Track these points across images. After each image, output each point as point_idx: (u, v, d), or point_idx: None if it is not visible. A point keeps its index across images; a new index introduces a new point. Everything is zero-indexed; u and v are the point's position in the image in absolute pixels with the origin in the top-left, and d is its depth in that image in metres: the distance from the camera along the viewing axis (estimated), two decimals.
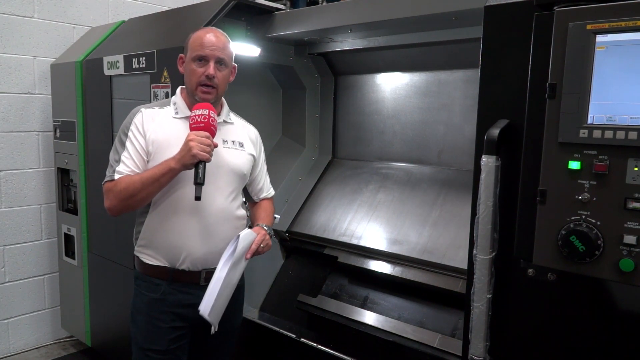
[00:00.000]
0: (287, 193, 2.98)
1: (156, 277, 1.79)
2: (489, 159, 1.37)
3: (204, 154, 1.60)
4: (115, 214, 1.73)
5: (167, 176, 1.64)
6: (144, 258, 1.81)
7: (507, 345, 1.48)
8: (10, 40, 3.17)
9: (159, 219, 1.76)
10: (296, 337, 2.37)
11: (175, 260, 1.77)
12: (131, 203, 1.69)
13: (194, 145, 1.59)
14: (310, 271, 2.80)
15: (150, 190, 1.66)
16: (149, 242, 1.79)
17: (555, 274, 1.34)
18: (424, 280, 2.31)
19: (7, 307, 3.32)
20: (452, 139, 2.59)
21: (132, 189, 1.65)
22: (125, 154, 1.72)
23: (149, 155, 1.73)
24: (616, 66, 1.17)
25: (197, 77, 1.73)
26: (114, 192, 1.68)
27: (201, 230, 1.76)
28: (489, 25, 1.45)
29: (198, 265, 1.79)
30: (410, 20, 2.05)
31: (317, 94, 3.08)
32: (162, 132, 1.75)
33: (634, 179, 1.16)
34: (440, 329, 2.17)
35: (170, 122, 1.78)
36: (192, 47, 1.75)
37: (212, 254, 1.79)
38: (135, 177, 1.67)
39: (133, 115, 1.78)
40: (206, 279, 1.78)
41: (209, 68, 1.72)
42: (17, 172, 3.29)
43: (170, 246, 1.76)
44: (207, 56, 1.73)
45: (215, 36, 1.76)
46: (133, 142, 1.73)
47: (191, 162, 1.61)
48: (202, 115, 1.65)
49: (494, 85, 1.45)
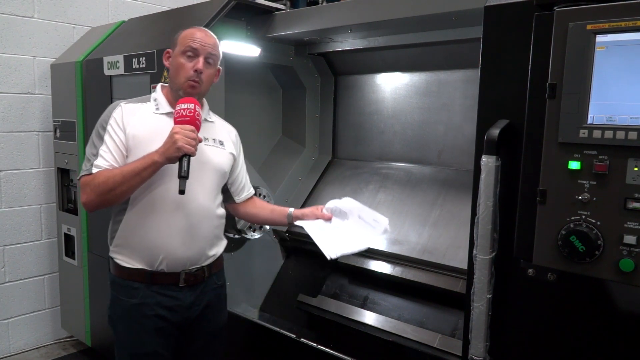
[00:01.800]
0: (287, 193, 2.98)
1: (133, 280, 1.73)
2: (489, 159, 1.37)
3: (189, 147, 1.56)
4: (92, 209, 1.68)
5: (149, 170, 1.59)
6: (120, 260, 1.75)
7: (507, 345, 1.48)
8: (10, 40, 3.17)
9: (137, 217, 1.71)
10: (296, 337, 2.37)
11: (154, 261, 1.71)
12: (110, 197, 1.62)
13: (179, 138, 1.55)
14: (310, 271, 2.80)
15: (131, 184, 1.60)
16: (126, 242, 1.74)
17: (555, 274, 1.34)
18: (424, 280, 2.31)
19: (7, 307, 3.32)
20: (452, 139, 2.59)
21: (111, 183, 1.59)
22: (103, 147, 1.67)
23: (129, 150, 1.68)
24: (616, 66, 1.17)
25: (186, 72, 1.71)
26: (92, 185, 1.62)
27: (183, 228, 1.72)
28: (489, 25, 1.45)
29: (177, 267, 1.74)
30: (410, 20, 2.05)
31: (317, 94, 3.08)
32: (143, 127, 1.71)
33: (634, 179, 1.16)
34: (440, 329, 2.17)
35: (151, 117, 1.75)
36: (183, 41, 1.73)
37: (192, 254, 1.76)
38: (116, 171, 1.62)
39: (112, 109, 1.74)
40: (185, 280, 1.75)
41: (198, 62, 1.71)
42: (17, 172, 3.29)
43: (148, 246, 1.71)
44: (198, 50, 1.71)
45: (206, 34, 1.76)
46: (112, 136, 1.68)
47: (176, 155, 1.57)
48: (188, 109, 1.62)
49: (494, 85, 1.45)
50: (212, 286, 1.87)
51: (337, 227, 1.89)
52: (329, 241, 1.82)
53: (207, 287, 1.84)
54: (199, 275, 1.79)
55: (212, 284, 1.87)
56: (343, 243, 1.83)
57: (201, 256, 1.79)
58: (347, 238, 1.85)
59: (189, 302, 1.78)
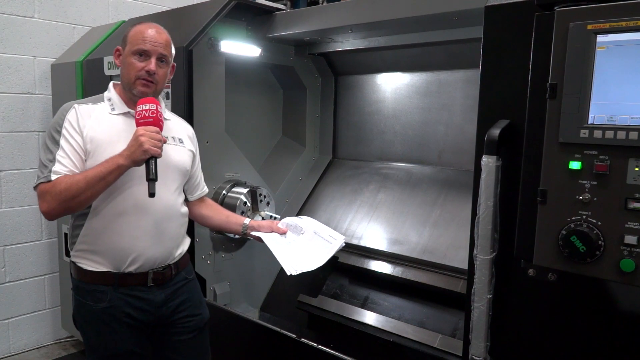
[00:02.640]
0: (288, 193, 2.98)
1: (99, 283, 1.68)
2: (489, 159, 1.37)
3: (156, 149, 1.54)
4: (53, 217, 1.61)
5: (114, 174, 1.54)
6: (84, 264, 1.69)
7: (507, 345, 1.48)
8: (11, 40, 3.17)
9: (102, 221, 1.66)
10: (296, 337, 2.37)
11: (122, 263, 1.67)
12: (72, 205, 1.56)
13: (145, 141, 1.52)
14: (310, 271, 2.80)
15: (96, 189, 1.54)
16: (89, 247, 1.68)
17: (555, 274, 1.34)
18: (425, 280, 2.31)
19: (7, 307, 3.32)
20: (453, 139, 2.59)
21: (74, 189, 1.52)
22: (60, 152, 1.59)
23: (87, 153, 1.62)
24: (617, 66, 1.17)
25: (137, 71, 1.66)
26: (53, 193, 1.54)
27: (150, 229, 1.69)
28: (490, 25, 1.45)
29: (145, 267, 1.71)
30: (411, 20, 2.05)
31: (317, 94, 3.08)
32: (100, 129, 1.65)
33: (634, 179, 1.16)
34: (441, 329, 2.17)
35: (108, 118, 1.69)
36: (133, 40, 1.68)
37: (161, 253, 1.74)
38: (78, 177, 1.55)
39: (65, 111, 1.66)
40: (154, 279, 1.73)
41: (150, 64, 1.66)
42: (18, 172, 3.29)
43: (116, 249, 1.66)
44: (149, 51, 1.67)
45: (157, 32, 1.70)
46: (69, 140, 1.61)
47: (142, 158, 1.53)
48: (150, 110, 1.58)
49: (494, 85, 1.45)
50: (182, 282, 1.84)
51: (293, 241, 1.89)
52: (288, 257, 1.82)
53: (177, 284, 1.82)
54: (167, 274, 1.77)
55: (181, 279, 1.84)
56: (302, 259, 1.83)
57: (169, 255, 1.77)
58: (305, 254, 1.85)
59: (159, 300, 1.75)
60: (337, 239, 1.90)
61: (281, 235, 1.90)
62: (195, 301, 1.89)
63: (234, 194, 2.48)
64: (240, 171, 2.64)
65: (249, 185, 2.55)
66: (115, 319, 1.69)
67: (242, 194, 2.47)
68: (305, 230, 1.94)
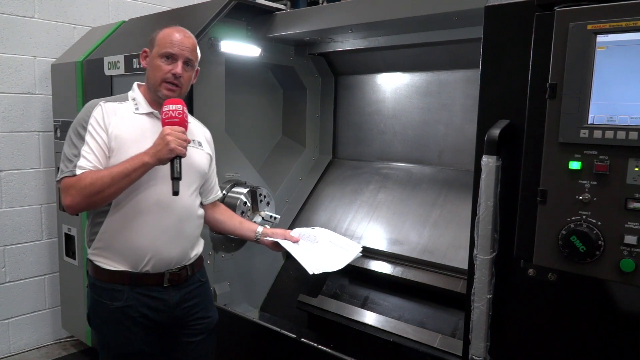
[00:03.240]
0: (288, 193, 2.98)
1: (116, 282, 1.70)
2: (489, 159, 1.37)
3: (181, 149, 1.57)
4: (76, 212, 1.63)
5: (139, 171, 1.57)
6: (101, 263, 1.71)
7: (507, 345, 1.48)
8: (11, 40, 3.17)
9: (121, 219, 1.67)
10: (296, 338, 2.37)
11: (139, 263, 1.69)
12: (96, 200, 1.58)
13: (172, 140, 1.55)
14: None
15: (120, 185, 1.56)
16: (108, 244, 1.70)
17: (555, 274, 1.34)
18: (425, 280, 2.31)
19: (7, 307, 3.32)
20: (453, 139, 2.59)
21: (99, 185, 1.55)
22: (85, 148, 1.62)
23: (111, 151, 1.65)
24: (617, 66, 1.17)
25: (163, 74, 1.70)
26: (77, 187, 1.56)
27: (168, 229, 1.71)
28: (489, 25, 1.45)
29: (162, 267, 1.73)
30: (411, 20, 2.05)
31: (317, 94, 3.08)
32: (125, 127, 1.68)
33: (634, 179, 1.16)
34: (441, 329, 2.17)
35: (132, 117, 1.72)
36: (161, 43, 1.71)
37: (177, 253, 1.75)
38: (103, 172, 1.57)
39: (91, 108, 1.69)
40: (170, 280, 1.74)
41: (176, 67, 1.70)
42: (18, 172, 3.29)
43: (134, 248, 1.68)
44: (176, 55, 1.70)
45: (185, 36, 1.74)
46: (94, 136, 1.63)
47: (168, 157, 1.56)
48: (177, 111, 1.62)
49: (494, 85, 1.45)
50: (196, 284, 1.86)
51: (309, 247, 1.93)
52: (308, 257, 1.86)
53: (192, 285, 1.84)
54: (183, 274, 1.79)
55: (196, 281, 1.87)
56: (322, 260, 1.87)
57: (185, 256, 1.79)
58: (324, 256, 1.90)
59: (174, 301, 1.77)
60: (353, 247, 1.95)
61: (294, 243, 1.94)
62: (207, 304, 1.91)
63: (234, 194, 2.48)
64: (240, 171, 2.64)
65: (249, 185, 2.55)
66: (130, 318, 1.71)
67: (242, 194, 2.47)
68: (319, 239, 1.97)
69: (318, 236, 1.99)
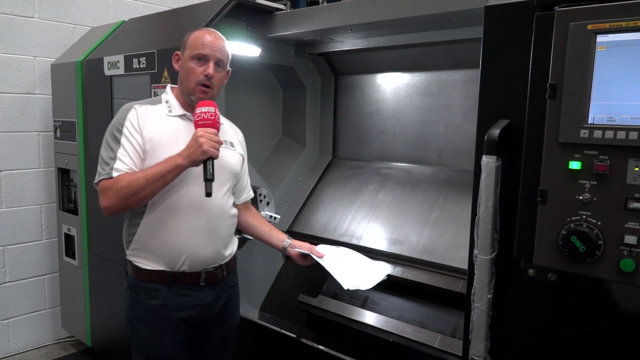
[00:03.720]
0: (288, 193, 2.98)
1: (154, 282, 1.74)
2: (489, 159, 1.37)
3: (214, 151, 1.60)
4: (113, 213, 1.67)
5: (173, 173, 1.61)
6: (139, 263, 1.76)
7: (507, 345, 1.48)
8: (11, 40, 3.17)
9: (157, 220, 1.72)
10: (296, 337, 2.37)
11: (175, 262, 1.73)
12: (132, 202, 1.63)
13: (205, 142, 1.58)
14: (310, 271, 2.79)
15: (155, 187, 1.61)
16: (145, 245, 1.75)
17: (555, 274, 1.34)
18: (425, 280, 2.31)
19: (7, 307, 3.32)
20: (453, 139, 2.59)
21: (135, 187, 1.59)
22: (121, 150, 1.66)
23: (146, 153, 1.69)
24: (617, 66, 1.17)
25: (197, 76, 1.72)
26: (114, 189, 1.61)
27: (202, 229, 1.75)
28: (489, 25, 1.45)
29: (198, 266, 1.77)
30: (410, 20, 2.05)
31: (317, 94, 3.08)
32: (159, 130, 1.72)
33: (634, 179, 1.16)
34: (441, 329, 2.17)
35: (165, 120, 1.75)
36: (192, 45, 1.74)
37: (212, 253, 1.79)
38: (139, 174, 1.62)
39: (126, 111, 1.73)
40: (206, 279, 1.78)
41: (208, 68, 1.73)
42: (18, 172, 3.29)
43: (170, 248, 1.72)
44: (208, 56, 1.73)
45: (215, 38, 1.77)
46: (129, 139, 1.68)
47: (201, 159, 1.60)
48: (209, 113, 1.65)
49: (494, 85, 1.45)
50: (229, 284, 1.91)
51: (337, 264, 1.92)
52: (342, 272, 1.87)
53: (225, 285, 1.88)
54: (219, 274, 1.83)
55: (229, 281, 1.91)
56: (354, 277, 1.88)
57: (219, 255, 1.83)
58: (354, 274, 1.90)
59: (209, 300, 1.81)
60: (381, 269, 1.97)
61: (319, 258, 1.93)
62: (235, 305, 1.97)
63: None
64: None
65: None
66: (165, 318, 1.75)
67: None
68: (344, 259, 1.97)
69: (343, 256, 1.99)
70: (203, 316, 1.81)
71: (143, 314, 1.76)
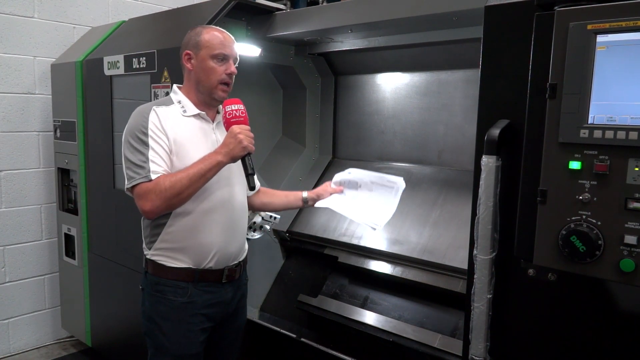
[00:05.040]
0: None
1: (181, 279, 1.75)
2: (489, 159, 1.37)
3: (252, 146, 1.66)
4: (156, 215, 1.68)
5: (213, 170, 1.63)
6: (166, 261, 1.76)
7: (507, 345, 1.48)
8: (11, 40, 3.17)
9: (192, 220, 1.73)
10: (296, 337, 2.37)
11: (204, 259, 1.75)
12: (176, 202, 1.63)
13: (244, 138, 1.63)
14: (310, 271, 2.80)
15: (197, 186, 1.63)
16: (175, 244, 1.75)
17: (555, 274, 1.34)
18: (425, 280, 2.31)
19: (7, 307, 3.32)
20: (453, 139, 2.59)
21: (179, 187, 1.60)
22: (152, 153, 1.65)
23: (172, 153, 1.70)
24: (617, 66, 1.17)
25: (219, 75, 1.74)
26: (157, 192, 1.60)
27: (229, 225, 1.79)
28: (489, 25, 1.45)
29: (223, 263, 1.80)
30: (410, 20, 2.05)
31: (317, 94, 3.08)
32: (180, 130, 1.72)
33: (634, 179, 1.16)
34: (441, 329, 2.17)
35: (183, 120, 1.76)
36: (210, 45, 1.74)
37: (236, 248, 1.84)
38: (180, 174, 1.62)
39: (146, 113, 1.71)
40: (227, 276, 1.82)
41: (230, 66, 1.77)
42: (18, 172, 3.29)
43: (202, 245, 1.74)
44: (228, 55, 1.76)
45: (228, 35, 1.80)
46: (157, 141, 1.67)
47: (240, 155, 1.64)
48: (239, 110, 1.70)
49: (494, 85, 1.45)
50: (243, 281, 1.96)
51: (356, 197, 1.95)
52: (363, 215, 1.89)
53: (241, 282, 1.93)
54: (238, 270, 1.87)
55: (243, 279, 1.96)
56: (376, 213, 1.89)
57: (241, 251, 1.88)
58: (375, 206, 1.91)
59: (229, 297, 1.85)
60: (396, 181, 1.94)
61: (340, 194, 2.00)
62: (246, 301, 2.01)
63: None
64: None
65: None
66: (191, 315, 1.77)
67: None
68: (360, 182, 1.98)
69: (358, 179, 2.00)
70: (223, 313, 1.85)
71: (169, 311, 1.75)
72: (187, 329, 1.76)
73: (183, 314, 1.76)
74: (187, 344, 1.77)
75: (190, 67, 1.79)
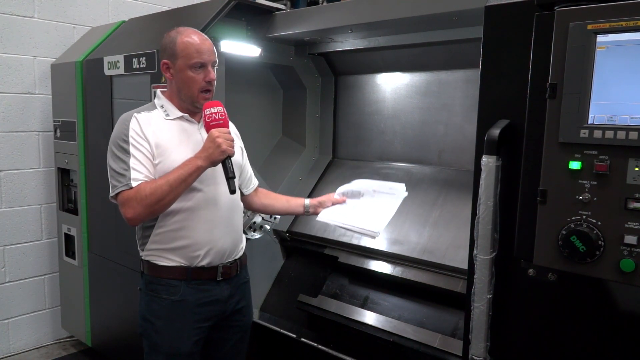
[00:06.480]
0: (288, 193, 2.96)
1: (173, 278, 1.76)
2: (489, 159, 1.37)
3: (231, 149, 1.65)
4: (138, 222, 1.70)
5: (194, 175, 1.64)
6: (158, 260, 1.77)
7: (507, 345, 1.48)
8: (11, 40, 3.17)
9: (174, 221, 1.74)
10: (296, 337, 2.37)
11: (195, 257, 1.76)
12: (157, 208, 1.64)
13: (222, 142, 1.62)
14: (310, 271, 2.80)
15: (178, 192, 1.63)
16: (165, 245, 1.76)
17: (555, 274, 1.34)
18: (425, 280, 2.31)
19: (7, 307, 3.32)
20: (453, 139, 2.59)
21: (159, 193, 1.61)
22: (133, 160, 1.67)
23: (154, 159, 1.70)
24: (617, 66, 1.17)
25: (198, 84, 1.73)
26: (138, 199, 1.61)
27: (220, 220, 1.79)
28: (489, 25, 1.45)
29: (216, 260, 1.80)
30: (410, 20, 2.05)
31: (317, 94, 3.08)
32: (162, 135, 1.73)
33: (634, 179, 1.16)
34: (441, 329, 2.17)
35: (165, 124, 1.76)
36: (185, 54, 1.71)
37: (229, 244, 1.83)
38: (160, 181, 1.63)
39: (127, 121, 1.73)
40: (222, 273, 1.81)
41: (209, 73, 1.74)
42: (18, 172, 3.29)
43: (188, 244, 1.75)
44: (206, 62, 1.73)
45: (204, 39, 1.76)
46: (138, 148, 1.68)
47: (220, 158, 1.64)
48: (219, 113, 1.69)
49: (494, 85, 1.45)
50: (242, 280, 1.95)
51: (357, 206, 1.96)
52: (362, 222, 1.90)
53: (240, 281, 1.92)
54: (234, 268, 1.87)
55: (243, 277, 1.95)
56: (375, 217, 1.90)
57: (235, 247, 1.88)
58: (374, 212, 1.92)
59: (226, 295, 1.84)
60: (398, 188, 1.97)
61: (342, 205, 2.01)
62: (248, 302, 2.00)
63: None
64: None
65: None
66: (184, 314, 1.77)
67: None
68: (363, 192, 2.01)
69: (361, 189, 2.02)
70: (220, 312, 1.84)
71: (162, 310, 1.77)
72: (179, 327, 1.76)
73: (175, 312, 1.76)
74: (179, 343, 1.76)
75: (169, 77, 1.78)
